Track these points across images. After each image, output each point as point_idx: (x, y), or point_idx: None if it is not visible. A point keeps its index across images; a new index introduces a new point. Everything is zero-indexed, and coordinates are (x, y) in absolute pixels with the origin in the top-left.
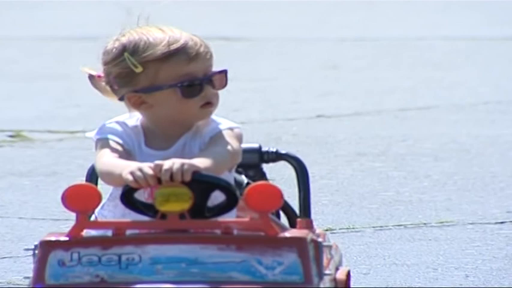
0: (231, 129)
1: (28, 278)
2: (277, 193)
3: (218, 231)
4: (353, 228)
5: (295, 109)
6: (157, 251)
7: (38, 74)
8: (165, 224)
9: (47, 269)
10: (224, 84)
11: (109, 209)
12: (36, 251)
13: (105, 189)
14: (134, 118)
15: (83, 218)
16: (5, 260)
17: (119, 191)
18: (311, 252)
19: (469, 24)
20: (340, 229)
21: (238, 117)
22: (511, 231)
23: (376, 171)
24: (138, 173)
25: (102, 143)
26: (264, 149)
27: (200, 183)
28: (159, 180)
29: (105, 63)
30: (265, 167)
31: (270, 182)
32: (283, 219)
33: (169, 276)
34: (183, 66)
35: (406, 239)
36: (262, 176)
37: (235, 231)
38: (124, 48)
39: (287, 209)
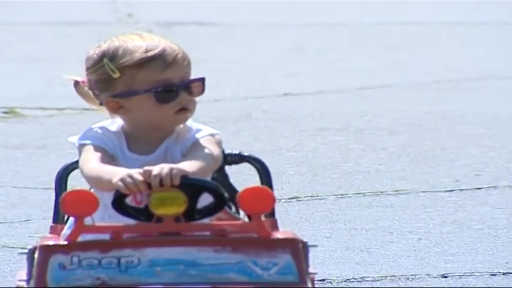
0: (212, 135)
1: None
2: (269, 196)
3: (213, 234)
4: (316, 196)
5: (264, 88)
6: (156, 253)
7: (30, 57)
8: (162, 227)
9: (48, 273)
10: (201, 91)
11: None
12: (35, 254)
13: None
14: (116, 124)
15: (81, 223)
16: None
17: (98, 195)
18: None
19: (422, 10)
20: (304, 197)
21: (212, 95)
22: (459, 199)
23: (337, 144)
24: (129, 180)
25: (86, 148)
26: (227, 151)
27: (190, 187)
28: (148, 186)
29: (87, 69)
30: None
31: (260, 185)
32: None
33: (168, 278)
34: (159, 73)
35: (364, 206)
36: (225, 177)
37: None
38: (103, 55)
39: None
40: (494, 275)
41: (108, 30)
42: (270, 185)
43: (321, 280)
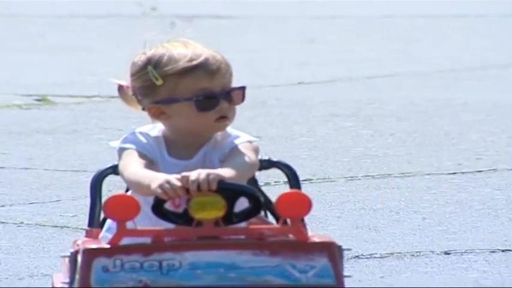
0: (250, 142)
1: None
2: (307, 200)
3: (252, 237)
4: (328, 178)
5: (279, 77)
6: (196, 257)
7: (60, 47)
8: (202, 231)
9: (91, 275)
10: (241, 99)
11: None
12: (78, 257)
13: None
14: (156, 129)
15: (123, 227)
16: (32, 205)
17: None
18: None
19: (427, 3)
20: (317, 179)
21: None
22: (461, 181)
23: (347, 130)
24: (167, 186)
25: (126, 152)
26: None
27: (228, 192)
28: (186, 191)
29: (131, 75)
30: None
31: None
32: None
33: (209, 281)
34: (201, 81)
35: (373, 188)
36: (255, 182)
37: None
38: (148, 62)
39: (274, 209)
40: (493, 252)
41: (143, 31)
42: (299, 189)
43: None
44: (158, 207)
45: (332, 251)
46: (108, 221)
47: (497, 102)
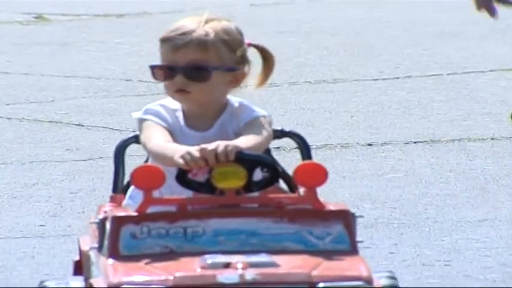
0: (264, 116)
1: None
2: (323, 170)
3: (271, 206)
4: (274, 83)
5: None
6: (219, 224)
7: None
8: (225, 200)
9: (120, 242)
10: (200, 78)
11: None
12: (106, 224)
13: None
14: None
15: (150, 196)
16: (32, 104)
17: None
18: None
19: None
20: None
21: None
22: (383, 86)
23: (290, 44)
24: (188, 157)
25: (147, 124)
26: None
27: (247, 162)
28: (206, 161)
29: None
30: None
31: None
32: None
33: (231, 247)
34: (166, 53)
35: (311, 91)
36: (268, 152)
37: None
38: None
39: (288, 178)
40: (407, 144)
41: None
42: (310, 158)
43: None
44: (182, 177)
45: (347, 219)
46: (131, 188)
47: (413, 20)
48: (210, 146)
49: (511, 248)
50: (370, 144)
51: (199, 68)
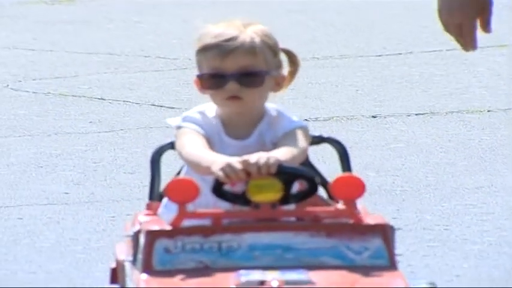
0: (302, 127)
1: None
2: (361, 183)
3: (307, 219)
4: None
5: None
6: (254, 238)
7: None
8: (260, 213)
9: (153, 256)
10: (256, 83)
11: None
12: (140, 237)
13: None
14: (213, 108)
15: (184, 209)
16: (57, 79)
17: (190, 175)
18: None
19: None
20: None
21: None
22: (386, 61)
23: (299, 22)
24: (228, 169)
25: (183, 130)
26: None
27: (285, 175)
28: (247, 174)
29: None
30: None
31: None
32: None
33: (267, 262)
34: (214, 60)
35: (318, 67)
36: (307, 158)
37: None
38: (198, 37)
39: (327, 186)
40: (409, 115)
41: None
42: (349, 165)
43: None
44: (218, 189)
45: (386, 233)
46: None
47: None
48: (252, 159)
49: (506, 213)
50: (374, 116)
51: (252, 73)
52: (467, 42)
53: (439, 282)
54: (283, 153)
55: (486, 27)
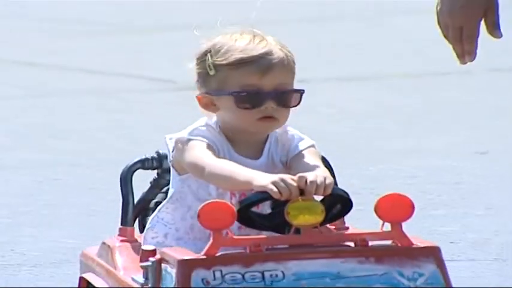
0: (313, 146)
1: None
2: (409, 203)
3: (355, 244)
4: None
5: None
6: (299, 266)
7: None
8: (302, 239)
9: None
10: (294, 102)
11: (167, 211)
12: (167, 267)
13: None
14: (214, 123)
15: (219, 236)
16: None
17: (181, 195)
18: None
19: None
20: None
21: None
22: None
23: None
24: (282, 184)
25: (195, 143)
26: None
27: (336, 197)
28: (301, 192)
29: (196, 59)
30: None
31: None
32: None
33: None
34: (250, 77)
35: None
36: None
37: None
38: (209, 49)
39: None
40: (340, 81)
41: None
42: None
43: None
44: (245, 212)
45: (438, 256)
46: (151, 218)
47: None
48: (310, 176)
49: (432, 177)
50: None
51: (290, 92)
52: (466, 49)
53: None
54: (328, 174)
55: (494, 30)
